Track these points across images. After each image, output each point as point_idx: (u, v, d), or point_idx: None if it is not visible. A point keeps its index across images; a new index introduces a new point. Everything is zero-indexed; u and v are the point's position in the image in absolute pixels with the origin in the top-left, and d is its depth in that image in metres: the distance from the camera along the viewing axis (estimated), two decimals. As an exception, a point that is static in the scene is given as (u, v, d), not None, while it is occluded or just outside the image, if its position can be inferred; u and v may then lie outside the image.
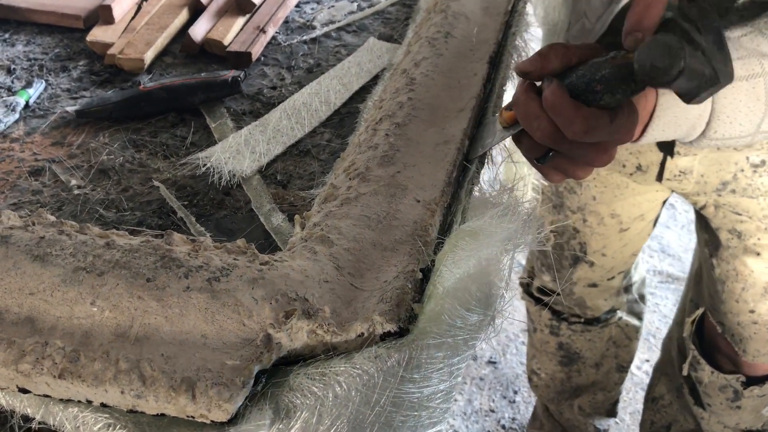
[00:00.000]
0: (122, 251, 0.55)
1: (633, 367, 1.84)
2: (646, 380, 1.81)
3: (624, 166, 1.16)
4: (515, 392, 1.80)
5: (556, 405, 1.57)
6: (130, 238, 0.58)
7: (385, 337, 0.54)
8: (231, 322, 0.53)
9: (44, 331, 0.51)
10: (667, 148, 1.08)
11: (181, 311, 0.52)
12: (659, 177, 1.12)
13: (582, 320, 1.44)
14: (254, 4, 1.08)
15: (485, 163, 0.79)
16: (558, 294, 1.40)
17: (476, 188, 0.75)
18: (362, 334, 0.54)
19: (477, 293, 0.54)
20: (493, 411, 1.77)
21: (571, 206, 1.27)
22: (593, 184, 1.22)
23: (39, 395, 0.52)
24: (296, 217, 0.69)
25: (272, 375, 0.53)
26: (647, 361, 1.88)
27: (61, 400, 0.52)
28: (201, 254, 0.57)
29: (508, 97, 0.85)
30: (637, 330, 1.49)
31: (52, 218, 0.60)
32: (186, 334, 0.52)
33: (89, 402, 0.51)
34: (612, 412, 1.60)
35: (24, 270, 0.54)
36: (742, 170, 1.05)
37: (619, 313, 1.46)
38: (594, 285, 1.38)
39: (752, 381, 1.20)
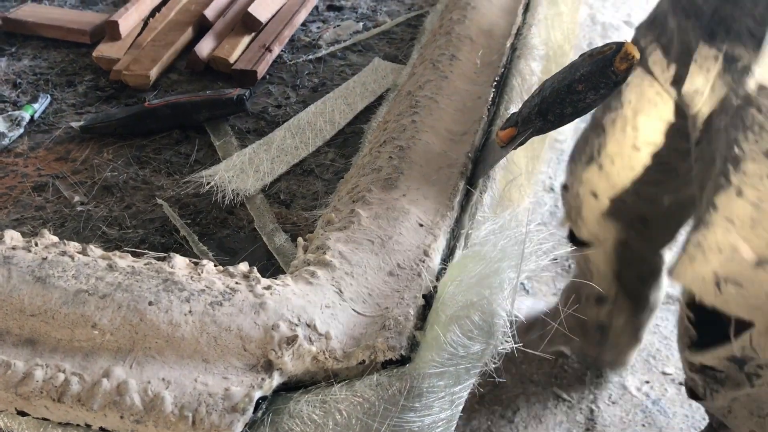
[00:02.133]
0: (124, 273, 0.55)
1: (633, 389, 1.83)
2: (646, 401, 1.81)
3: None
4: (514, 412, 1.80)
5: None
6: (132, 260, 0.58)
7: (387, 364, 0.54)
8: (232, 347, 0.52)
9: (45, 354, 0.51)
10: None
11: (182, 336, 0.52)
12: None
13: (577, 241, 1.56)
14: (260, 23, 1.09)
15: (488, 188, 0.78)
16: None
17: (479, 212, 0.75)
18: (363, 361, 0.54)
19: (479, 322, 0.54)
20: (491, 431, 1.76)
21: (611, 104, 1.36)
22: (633, 90, 1.31)
23: (38, 418, 0.52)
24: (299, 239, 0.69)
25: (273, 401, 0.53)
26: (647, 382, 1.87)
27: (59, 423, 0.51)
28: (203, 277, 0.56)
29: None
30: None
31: (55, 238, 0.60)
32: (187, 359, 0.52)
33: (88, 426, 0.51)
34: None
35: (25, 291, 0.53)
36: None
37: None
38: (595, 195, 1.46)
39: None
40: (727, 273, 1.17)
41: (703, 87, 1.17)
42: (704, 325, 1.25)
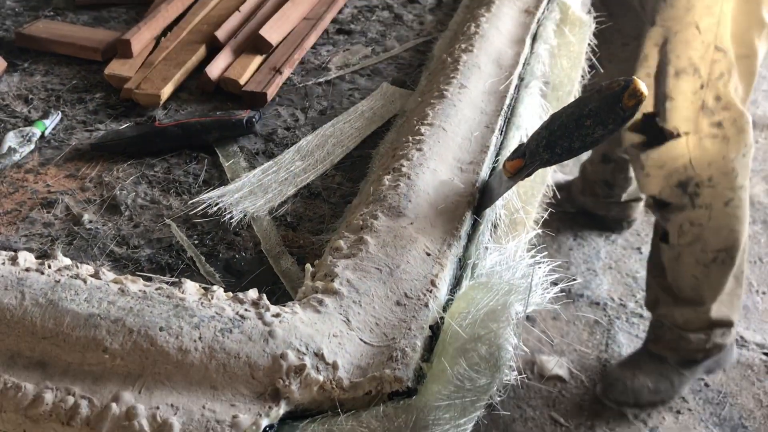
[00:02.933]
0: (136, 298, 0.56)
1: (630, 416, 1.83)
2: (644, 429, 1.80)
3: None
4: (511, 436, 1.79)
5: None
6: (144, 285, 0.59)
7: (393, 396, 0.54)
8: (241, 374, 0.53)
9: (55, 377, 0.52)
10: None
11: (191, 362, 0.53)
12: None
13: None
14: (271, 45, 1.10)
15: (495, 217, 0.79)
16: None
17: (486, 242, 0.75)
18: (370, 392, 0.54)
19: (486, 355, 0.55)
20: (488, 455, 1.75)
21: None
22: None
23: (46, 441, 0.52)
24: (307, 266, 0.70)
25: (279, 430, 0.53)
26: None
27: (67, 446, 0.52)
28: (213, 303, 0.57)
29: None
30: None
31: (68, 260, 0.60)
32: (195, 386, 0.52)
33: (95, 450, 0.51)
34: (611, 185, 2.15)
35: (38, 314, 0.54)
36: None
37: None
38: None
39: None
40: (663, 89, 1.52)
41: None
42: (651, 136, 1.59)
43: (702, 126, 1.53)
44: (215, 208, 0.85)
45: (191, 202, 0.87)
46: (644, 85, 0.68)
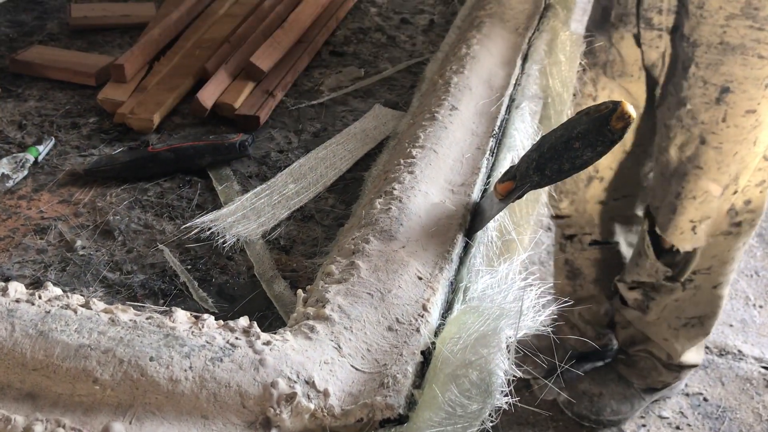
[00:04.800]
0: (126, 328, 0.56)
1: (629, 432, 1.83)
2: (643, 446, 1.79)
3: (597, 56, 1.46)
4: (509, 455, 1.78)
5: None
6: (134, 314, 0.59)
7: (385, 423, 0.54)
8: (231, 404, 0.53)
9: (45, 408, 0.51)
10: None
11: (182, 392, 0.52)
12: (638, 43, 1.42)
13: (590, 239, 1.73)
14: (263, 72, 1.10)
15: (486, 240, 0.79)
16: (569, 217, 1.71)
17: (478, 265, 0.75)
18: (361, 419, 0.54)
19: (477, 381, 0.55)
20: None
21: None
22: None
23: (36, 473, 0.52)
24: (299, 291, 0.70)
25: (270, 459, 0.53)
26: (644, 426, 1.87)
27: (57, 479, 0.51)
28: (204, 332, 0.57)
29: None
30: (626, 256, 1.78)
31: (58, 291, 0.60)
32: (186, 415, 0.52)
33: (86, 482, 0.51)
34: (609, 325, 1.85)
35: (28, 345, 0.54)
36: None
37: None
38: (603, 203, 1.65)
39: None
40: (701, 216, 1.44)
41: (657, 60, 1.43)
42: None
43: (721, 226, 1.48)
44: (208, 233, 0.85)
45: (184, 226, 0.87)
46: (632, 108, 0.68)
